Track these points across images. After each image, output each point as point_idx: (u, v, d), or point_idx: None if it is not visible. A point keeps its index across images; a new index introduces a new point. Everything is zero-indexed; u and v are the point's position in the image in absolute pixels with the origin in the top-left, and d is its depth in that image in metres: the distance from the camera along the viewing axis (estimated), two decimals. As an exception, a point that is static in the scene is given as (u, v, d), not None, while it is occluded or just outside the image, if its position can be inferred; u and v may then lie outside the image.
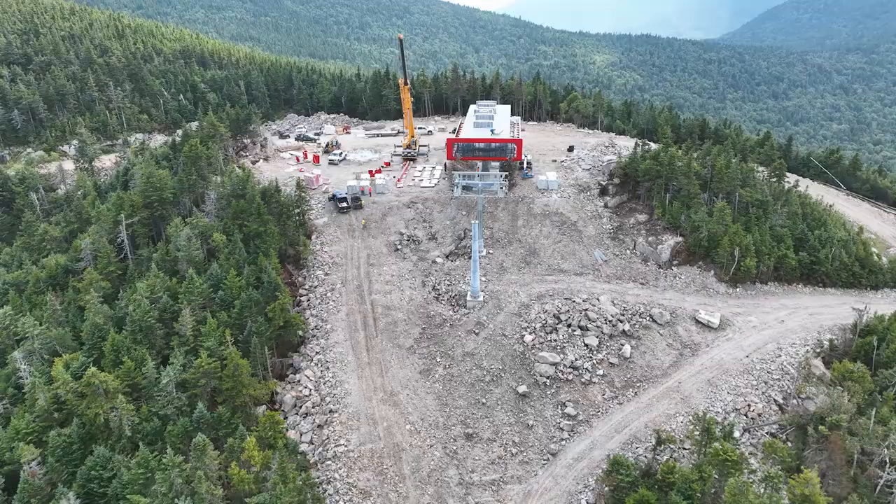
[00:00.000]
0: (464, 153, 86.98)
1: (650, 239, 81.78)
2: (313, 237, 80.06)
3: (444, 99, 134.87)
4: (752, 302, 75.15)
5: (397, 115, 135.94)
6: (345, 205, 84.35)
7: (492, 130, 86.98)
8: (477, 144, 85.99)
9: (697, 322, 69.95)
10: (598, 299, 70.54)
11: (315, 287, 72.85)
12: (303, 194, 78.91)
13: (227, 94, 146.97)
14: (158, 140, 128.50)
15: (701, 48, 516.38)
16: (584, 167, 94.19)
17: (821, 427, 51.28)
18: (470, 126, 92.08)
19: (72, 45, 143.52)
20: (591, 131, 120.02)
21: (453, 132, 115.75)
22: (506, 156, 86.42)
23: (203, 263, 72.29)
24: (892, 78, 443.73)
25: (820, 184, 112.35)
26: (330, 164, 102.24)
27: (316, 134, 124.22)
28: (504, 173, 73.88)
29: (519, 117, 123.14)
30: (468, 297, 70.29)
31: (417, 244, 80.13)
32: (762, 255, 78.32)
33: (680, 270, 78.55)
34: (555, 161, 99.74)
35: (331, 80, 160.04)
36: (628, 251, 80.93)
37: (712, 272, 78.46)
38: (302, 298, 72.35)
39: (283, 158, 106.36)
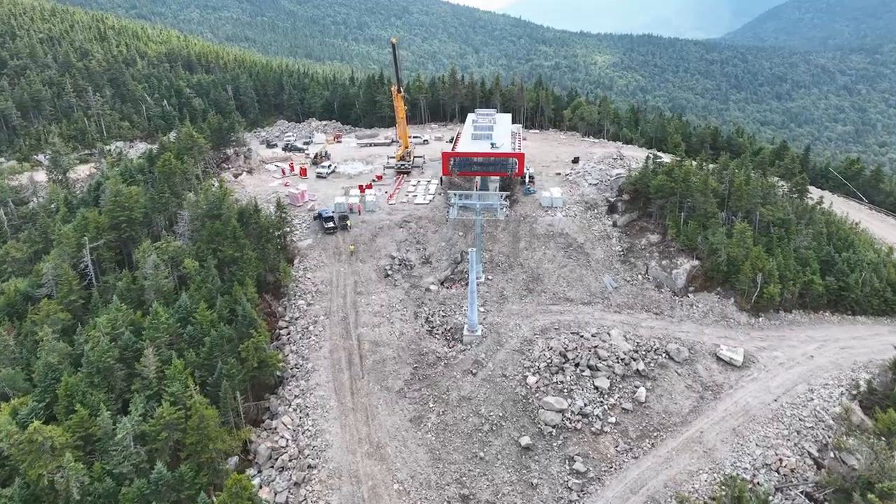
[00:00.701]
0: (461, 168, 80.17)
1: (664, 262, 74.98)
2: (296, 261, 73.26)
3: (442, 105, 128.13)
4: (777, 334, 68.35)
5: (391, 122, 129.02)
6: (331, 225, 77.57)
7: (492, 144, 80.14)
8: (475, 159, 79.10)
9: (719, 359, 63.14)
10: (608, 333, 63.72)
11: (296, 319, 66.05)
12: (284, 215, 72.03)
13: (213, 100, 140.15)
14: (140, 148, 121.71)
15: (703, 48, 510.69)
16: (591, 182, 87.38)
17: (870, 496, 44.51)
18: (468, 138, 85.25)
19: (50, 48, 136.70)
20: (596, 140, 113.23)
21: (450, 141, 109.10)
22: (506, 171, 79.61)
23: (173, 293, 65.58)
24: None
25: (840, 196, 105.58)
26: (318, 177, 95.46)
27: (305, 143, 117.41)
28: (505, 192, 67.19)
29: (520, 125, 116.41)
30: (465, 332, 63.54)
31: (410, 269, 73.33)
32: (786, 281, 71.53)
33: (697, 298, 71.75)
34: (559, 174, 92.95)
35: (323, 84, 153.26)
36: (640, 276, 74.15)
37: (732, 299, 71.66)
38: (281, 332, 65.55)
39: (268, 171, 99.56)
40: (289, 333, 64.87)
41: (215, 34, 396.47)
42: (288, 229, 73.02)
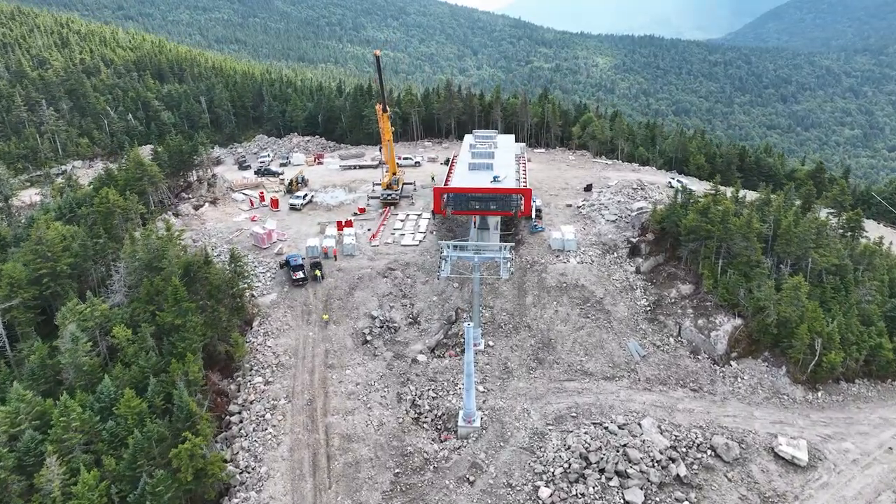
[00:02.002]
0: (456, 206, 67.30)
1: (700, 322, 62.24)
2: (255, 323, 60.38)
3: (436, 120, 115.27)
4: (843, 415, 55.69)
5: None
6: (301, 276, 64.72)
7: (494, 178, 67.11)
8: (473, 196, 66.18)
9: (777, 456, 50.45)
10: (639, 424, 50.99)
11: (250, 403, 53.22)
12: (240, 269, 59.09)
13: (184, 113, 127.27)
14: (100, 168, 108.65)
15: (706, 50, 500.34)
16: (609, 217, 74.63)
17: None
18: (464, 168, 72.23)
19: (2, 56, 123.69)
20: (609, 162, 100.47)
21: (446, 163, 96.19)
22: (510, 210, 66.74)
23: (99, 370, 52.86)
24: None
25: (887, 226, 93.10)
26: (291, 209, 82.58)
27: (282, 164, 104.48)
28: (510, 244, 54.49)
29: (523, 144, 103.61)
30: (460, 421, 50.81)
31: (394, 333, 60.49)
32: (848, 346, 58.99)
33: (741, 367, 59.09)
34: (570, 206, 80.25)
35: (308, 94, 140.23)
36: (671, 338, 61.45)
37: (783, 369, 58.98)
38: (232, 419, 52.73)
39: (235, 201, 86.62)
40: (241, 422, 52.02)
41: (205, 36, 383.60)
42: (245, 285, 60.04)
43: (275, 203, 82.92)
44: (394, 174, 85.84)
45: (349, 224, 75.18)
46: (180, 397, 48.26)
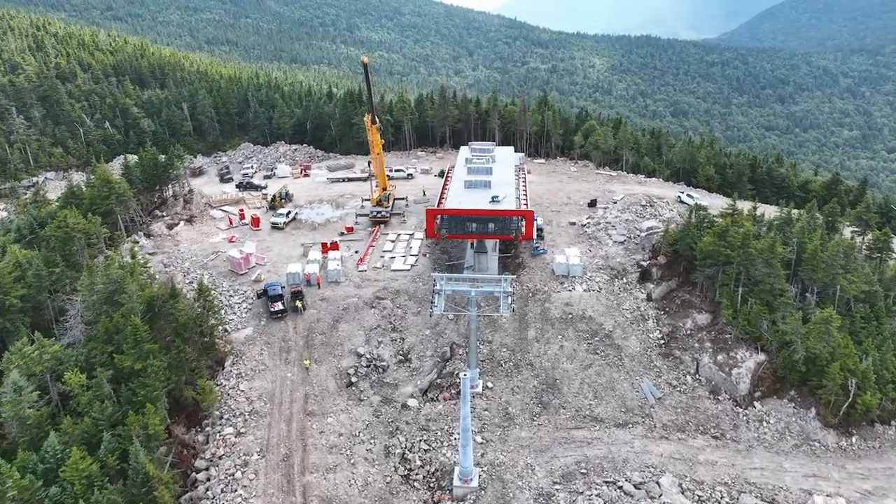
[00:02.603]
0: (451, 229, 61.26)
1: (719, 358, 56.51)
2: (228, 363, 54.31)
3: (430, 128, 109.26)
4: (882, 466, 50.07)
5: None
6: (280, 307, 58.63)
7: (493, 198, 61.05)
8: (469, 218, 60.16)
9: (813, 519, 44.81)
10: (657, 483, 45.21)
11: (219, 458, 47.17)
12: (210, 303, 52.98)
13: (166, 121, 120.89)
14: (75, 180, 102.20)
15: (702, 50, 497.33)
16: (616, 238, 68.85)
17: None
18: (459, 186, 66.12)
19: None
20: (613, 173, 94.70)
21: (440, 175, 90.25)
22: (510, 233, 60.78)
23: (46, 424, 46.77)
24: None
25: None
26: (273, 228, 76.49)
27: (266, 176, 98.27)
28: (511, 276, 48.57)
29: (523, 155, 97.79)
30: (456, 481, 44.91)
31: (382, 373, 54.53)
32: (884, 384, 53.47)
33: (766, 408, 53.47)
34: (573, 224, 74.46)
35: (296, 100, 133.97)
36: (688, 376, 55.73)
37: (813, 411, 53.36)
38: (199, 476, 46.67)
39: (213, 218, 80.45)
40: (208, 480, 45.94)
41: (195, 37, 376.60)
42: (216, 321, 53.94)
43: (255, 222, 76.78)
44: (384, 189, 79.85)
45: (334, 246, 69.10)
46: (136, 458, 42.24)
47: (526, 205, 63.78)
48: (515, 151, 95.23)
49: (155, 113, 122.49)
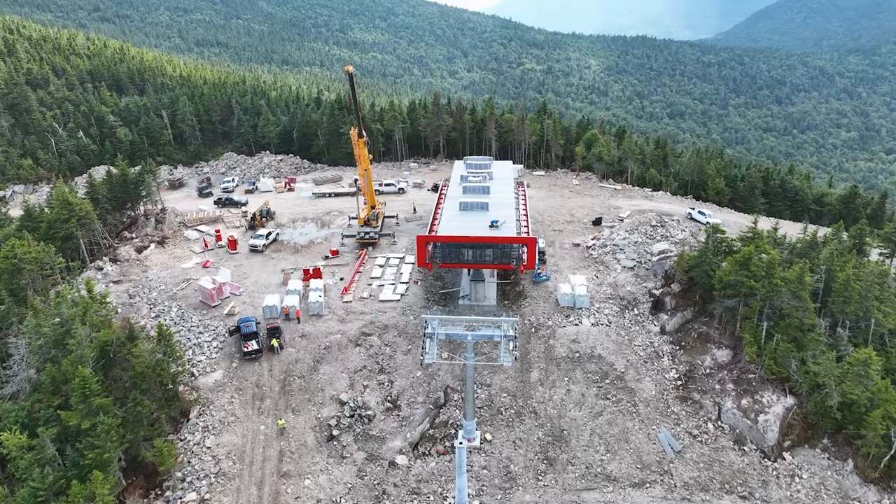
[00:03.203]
0: (444, 258, 55.28)
1: (744, 402, 50.79)
2: (193, 414, 48.19)
3: (423, 137, 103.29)
4: (929, 527, 44.54)
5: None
6: (254, 347, 52.55)
7: (492, 223, 55.03)
8: (465, 246, 54.19)
9: None
10: (682, 559, 39.39)
11: (179, 532, 41.01)
12: (171, 349, 46.78)
13: (145, 129, 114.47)
14: (45, 193, 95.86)
15: (698, 50, 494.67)
16: (626, 263, 63.08)
17: None
18: (453, 209, 60.05)
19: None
20: (618, 187, 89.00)
21: (434, 189, 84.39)
22: (510, 262, 54.84)
23: (-20, 492, 40.62)
24: None
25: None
26: (252, 251, 70.33)
27: (248, 191, 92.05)
28: (514, 319, 42.49)
29: (521, 166, 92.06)
30: (451, 559, 38.99)
31: (367, 423, 48.52)
32: (928, 431, 47.87)
33: (798, 460, 47.80)
34: (577, 246, 68.70)
35: (283, 106, 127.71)
36: (710, 423, 50.00)
37: (850, 463, 47.75)
38: (156, 554, 40.56)
39: (187, 240, 74.19)
40: (166, 558, 39.82)
41: (184, 38, 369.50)
42: (179, 369, 47.77)
43: (232, 244, 70.58)
44: (372, 208, 73.87)
45: (317, 273, 62.99)
46: (78, 541, 36.16)
47: (527, 230, 57.81)
48: (514, 163, 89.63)
49: (133, 121, 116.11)
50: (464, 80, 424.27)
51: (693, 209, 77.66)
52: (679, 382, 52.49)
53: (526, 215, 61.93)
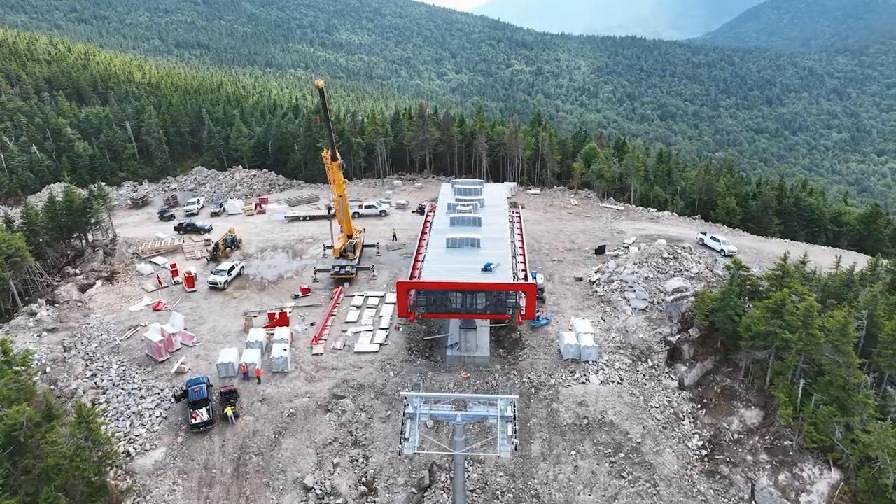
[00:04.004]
0: (429, 308, 47.24)
1: (781, 478, 43.28)
2: (126, 508, 39.78)
3: (408, 152, 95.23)
4: None
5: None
6: (204, 418, 44.23)
7: (486, 266, 47.01)
8: (452, 294, 46.17)
9: None
10: None
11: None
12: (94, 431, 38.32)
13: (106, 142, 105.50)
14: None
15: (688, 51, 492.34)
16: (636, 304, 55.48)
17: None
18: (439, 247, 51.85)
19: None
20: (620, 207, 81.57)
21: (420, 212, 76.48)
22: (506, 311, 46.91)
23: None
24: (885, 81, 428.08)
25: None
26: (211, 288, 61.93)
27: (214, 213, 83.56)
28: (514, 398, 34.41)
29: (515, 184, 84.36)
30: None
31: (337, 515, 40.40)
32: None
33: (847, 550, 40.26)
34: (580, 280, 61.07)
35: (258, 116, 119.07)
36: None
37: (909, 552, 40.35)
38: None
39: (140, 275, 65.59)
40: None
41: (164, 40, 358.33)
42: (104, 453, 39.33)
43: (189, 281, 62.12)
44: (349, 237, 65.73)
45: (283, 320, 54.75)
46: None
47: (525, 270, 49.83)
48: (507, 180, 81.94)
49: (93, 133, 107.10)
50: (452, 82, 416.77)
51: (704, 234, 70.42)
52: (704, 452, 44.91)
53: (523, 250, 54.08)
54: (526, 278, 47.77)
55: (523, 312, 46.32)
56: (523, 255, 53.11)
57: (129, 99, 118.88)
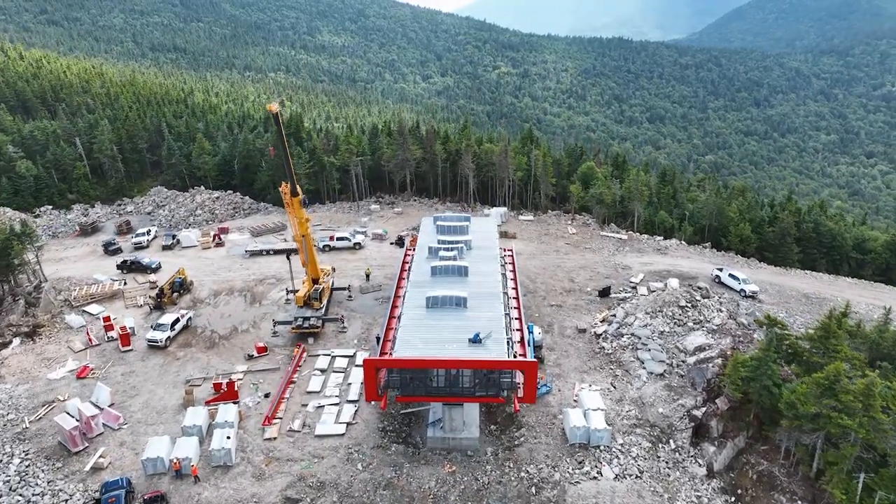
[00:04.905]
0: (405, 390, 38.07)
1: None
2: None
3: (387, 173, 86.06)
4: None
5: (313, 196, 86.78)
6: (118, 539, 34.83)
7: (474, 337, 37.88)
8: (433, 373, 37.15)
9: None
10: None
11: None
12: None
13: (53, 161, 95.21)
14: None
15: (675, 52, 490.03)
16: (652, 367, 46.91)
17: None
18: (416, 309, 42.16)
19: None
20: (623, 235, 73.18)
21: (398, 244, 67.57)
22: (499, 392, 37.92)
23: None
24: (871, 82, 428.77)
25: None
26: (150, 347, 52.37)
27: (166, 246, 73.66)
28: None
29: (505, 209, 75.62)
30: None
31: None
32: None
33: None
34: (583, 332, 52.45)
35: (225, 130, 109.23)
36: None
37: None
38: None
39: (69, 328, 55.79)
40: None
41: (138, 43, 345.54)
42: None
43: (125, 339, 52.50)
44: (315, 282, 56.48)
45: (230, 392, 45.37)
46: None
47: (522, 339, 40.77)
48: (496, 205, 73.18)
49: (38, 151, 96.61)
50: (437, 85, 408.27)
51: (721, 270, 62.14)
52: (745, 566, 36.31)
53: (518, 307, 45.08)
54: (524, 352, 38.78)
55: (521, 395, 37.37)
56: (519, 313, 44.19)
57: (82, 112, 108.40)
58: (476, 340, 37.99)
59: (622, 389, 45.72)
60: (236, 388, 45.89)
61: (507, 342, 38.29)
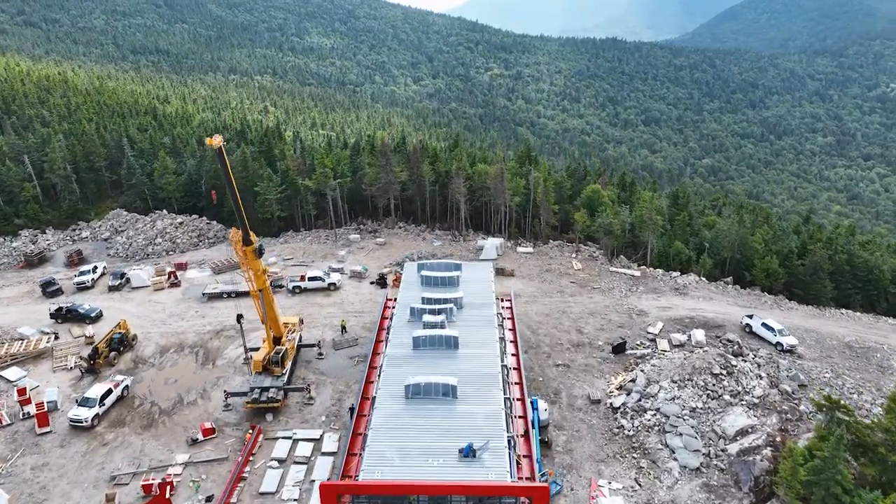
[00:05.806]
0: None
1: None
2: None
3: (370, 197, 76.98)
4: None
5: (287, 223, 77.57)
6: None
7: (467, 450, 28.77)
8: (412, 499, 28.28)
9: None
10: None
11: None
12: None
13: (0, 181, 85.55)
14: None
15: (670, 53, 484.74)
16: (685, 457, 38.15)
17: None
18: (394, 399, 33.19)
19: None
20: (636, 272, 64.47)
21: (380, 283, 58.64)
22: (499, 523, 29.15)
23: None
24: (866, 83, 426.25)
25: None
26: (73, 425, 43.03)
27: (113, 286, 64.13)
28: None
29: (501, 240, 66.71)
30: None
31: None
32: None
33: None
34: (597, 403, 43.61)
35: (195, 146, 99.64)
36: None
37: None
38: None
39: (-21, 401, 46.31)
40: None
41: (118, 46, 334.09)
42: None
43: (43, 418, 43.12)
44: (277, 341, 47.36)
45: (161, 497, 36.08)
46: None
47: (531, 468, 31.59)
48: (491, 233, 64.34)
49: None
50: (429, 88, 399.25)
51: (751, 317, 53.59)
52: None
53: (521, 388, 36.12)
54: (532, 469, 29.86)
55: (527, 528, 28.45)
56: (521, 392, 35.29)
57: (34, 126, 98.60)
58: (469, 454, 29.02)
59: (649, 489, 36.93)
60: (170, 493, 36.62)
61: (509, 456, 29.28)
